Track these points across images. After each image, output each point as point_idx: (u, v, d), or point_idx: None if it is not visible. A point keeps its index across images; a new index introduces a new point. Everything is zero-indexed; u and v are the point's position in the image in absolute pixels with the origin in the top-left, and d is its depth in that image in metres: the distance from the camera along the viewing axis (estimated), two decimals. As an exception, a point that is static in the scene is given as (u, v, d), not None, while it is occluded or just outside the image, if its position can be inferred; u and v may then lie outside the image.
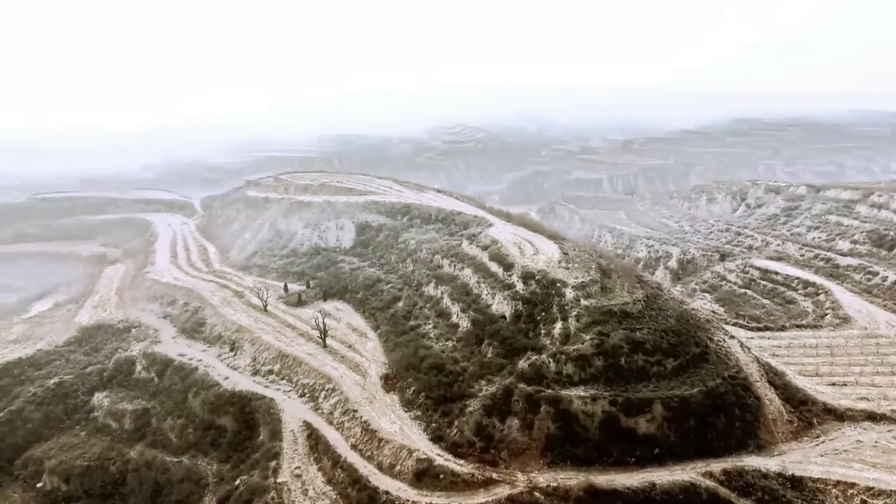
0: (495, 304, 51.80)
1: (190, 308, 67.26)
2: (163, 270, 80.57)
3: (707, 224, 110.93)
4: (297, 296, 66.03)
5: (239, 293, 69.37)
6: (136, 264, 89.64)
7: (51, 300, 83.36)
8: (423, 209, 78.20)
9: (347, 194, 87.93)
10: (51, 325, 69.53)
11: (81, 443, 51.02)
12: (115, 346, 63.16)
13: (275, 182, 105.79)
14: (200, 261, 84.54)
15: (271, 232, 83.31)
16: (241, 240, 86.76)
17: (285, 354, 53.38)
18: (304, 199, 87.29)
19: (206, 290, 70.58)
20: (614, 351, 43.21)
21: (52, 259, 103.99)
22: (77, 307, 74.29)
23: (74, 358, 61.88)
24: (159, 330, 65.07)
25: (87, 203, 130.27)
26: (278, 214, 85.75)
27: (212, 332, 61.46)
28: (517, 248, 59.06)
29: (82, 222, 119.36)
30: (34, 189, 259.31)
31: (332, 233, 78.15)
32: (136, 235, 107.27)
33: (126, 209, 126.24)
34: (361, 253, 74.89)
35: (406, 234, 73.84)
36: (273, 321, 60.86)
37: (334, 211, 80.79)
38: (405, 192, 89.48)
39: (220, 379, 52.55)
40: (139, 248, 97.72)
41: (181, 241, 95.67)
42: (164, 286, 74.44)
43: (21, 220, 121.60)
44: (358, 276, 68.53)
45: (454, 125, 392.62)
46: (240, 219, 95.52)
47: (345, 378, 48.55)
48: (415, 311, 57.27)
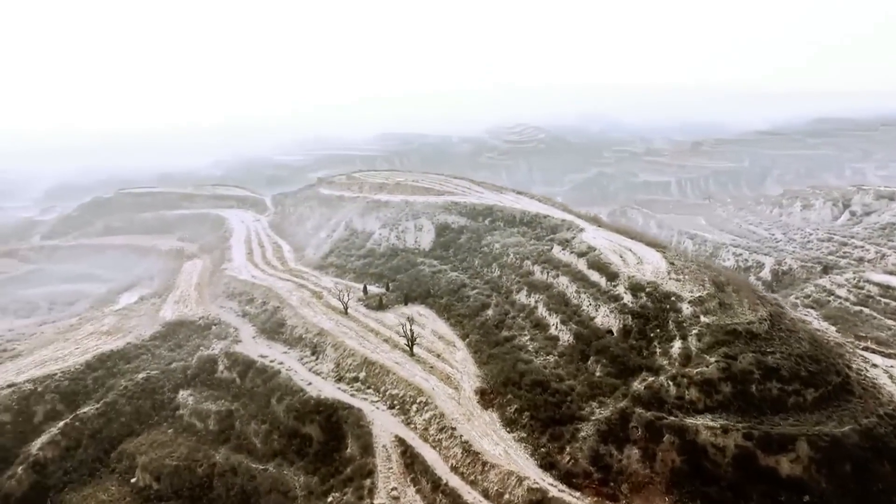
0: (599, 316, 47.61)
1: (269, 308, 66.24)
2: (240, 267, 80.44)
3: (803, 232, 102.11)
4: (378, 299, 63.78)
5: (317, 294, 67.89)
6: (212, 260, 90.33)
7: (136, 293, 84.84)
8: (506, 211, 74.62)
9: (425, 194, 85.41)
10: (137, 319, 70.18)
11: (169, 441, 50.34)
12: (197, 343, 62.75)
13: (348, 180, 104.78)
14: (276, 259, 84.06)
15: (347, 231, 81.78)
16: (317, 238, 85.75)
17: (371, 362, 50.99)
18: (381, 198, 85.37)
19: (284, 290, 69.49)
20: (744, 377, 38.32)
21: (135, 252, 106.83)
22: (160, 301, 74.93)
23: (159, 353, 61.87)
24: (239, 329, 64.31)
25: (166, 198, 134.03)
26: (354, 213, 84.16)
27: (292, 333, 59.99)
28: (618, 257, 54.55)
29: (161, 217, 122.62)
30: (119, 183, 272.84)
31: (410, 234, 75.69)
32: (211, 231, 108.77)
33: (201, 205, 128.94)
34: (442, 255, 72.03)
35: (489, 237, 70.44)
36: (355, 325, 58.77)
37: (412, 211, 78.34)
38: (484, 193, 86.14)
39: (303, 384, 50.71)
40: (215, 243, 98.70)
41: (255, 238, 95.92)
42: (241, 283, 74.04)
43: (109, 214, 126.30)
44: (440, 280, 65.70)
45: (515, 125, 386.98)
46: (314, 217, 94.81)
47: (437, 391, 45.62)
48: (507, 321, 53.75)
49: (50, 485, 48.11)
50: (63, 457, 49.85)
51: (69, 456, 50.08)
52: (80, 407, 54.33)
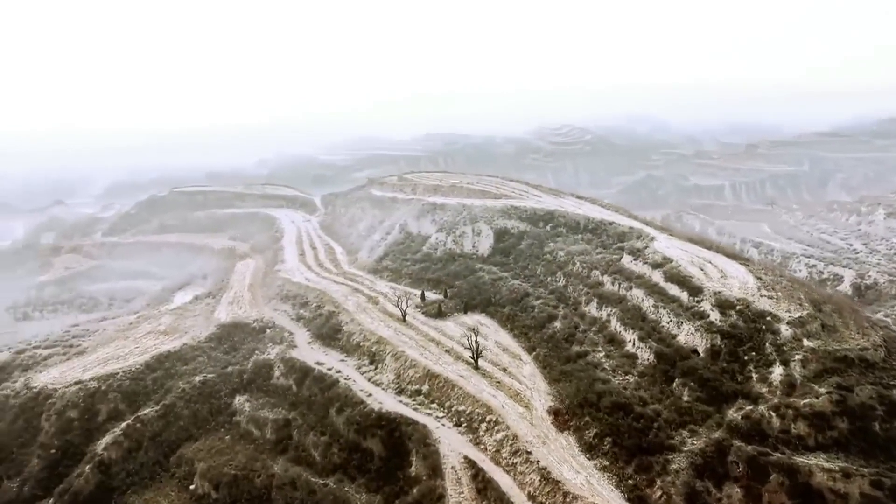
0: (682, 335, 43.96)
1: (324, 312, 64.81)
2: (293, 269, 79.58)
3: (889, 243, 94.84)
4: (437, 306, 61.46)
5: (373, 299, 66.11)
6: (265, 260, 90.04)
7: (190, 292, 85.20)
8: (568, 217, 71.26)
9: (481, 197, 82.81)
10: (192, 319, 70.00)
11: (227, 448, 49.26)
12: (252, 346, 61.82)
13: (399, 181, 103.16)
14: (328, 261, 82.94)
15: (402, 234, 79.90)
16: (370, 241, 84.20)
17: (434, 374, 48.66)
18: (436, 200, 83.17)
19: (339, 294, 68.01)
20: (863, 412, 34.17)
21: (189, 250, 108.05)
22: (214, 302, 74.68)
23: (215, 356, 61.21)
24: (294, 333, 63.11)
25: (217, 197, 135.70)
26: (409, 216, 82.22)
27: (349, 340, 58.28)
28: (698, 269, 50.64)
29: (213, 216, 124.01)
30: (170, 182, 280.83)
31: (468, 238, 73.18)
32: (262, 230, 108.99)
33: (252, 204, 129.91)
34: (502, 262, 69.24)
35: (552, 244, 67.28)
36: (414, 333, 56.60)
37: (470, 215, 75.82)
38: (543, 198, 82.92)
39: (363, 395, 48.81)
40: (266, 243, 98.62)
41: (307, 239, 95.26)
42: (295, 286, 73.02)
43: (164, 212, 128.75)
44: (501, 288, 62.95)
45: (560, 126, 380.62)
46: (366, 219, 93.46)
47: (507, 409, 42.89)
48: (577, 335, 50.55)
49: (114, 486, 47.76)
50: (125, 458, 49.46)
51: (131, 458, 49.66)
52: (141, 408, 54.03)
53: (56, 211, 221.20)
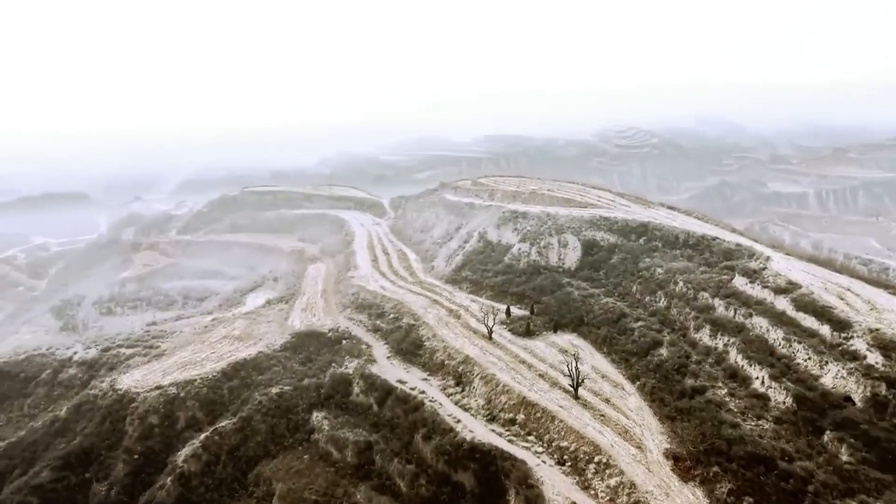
0: (828, 377, 37.93)
1: (402, 325, 61.69)
2: (367, 276, 77.12)
3: None
4: (525, 324, 57.15)
5: (454, 312, 62.47)
6: (336, 265, 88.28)
7: (261, 295, 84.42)
8: (665, 230, 65.39)
9: (565, 205, 77.96)
10: (266, 325, 68.60)
11: (306, 469, 46.73)
12: (329, 358, 59.40)
13: (474, 186, 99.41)
14: (403, 268, 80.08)
15: (481, 243, 76.01)
16: (446, 249, 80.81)
17: (529, 402, 44.43)
18: (516, 208, 78.83)
19: (418, 305, 64.77)
20: None
21: (259, 251, 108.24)
22: (287, 308, 73.15)
23: (291, 366, 59.18)
24: (371, 346, 60.34)
25: (286, 197, 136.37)
26: (488, 224, 78.24)
27: (432, 358, 54.83)
28: (837, 299, 44.17)
29: (283, 216, 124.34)
30: (236, 180, 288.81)
31: (553, 250, 68.54)
32: (332, 233, 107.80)
33: (320, 205, 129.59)
34: (591, 277, 64.23)
35: (648, 260, 61.73)
36: (502, 354, 52.53)
37: (555, 225, 71.11)
38: (632, 207, 77.22)
39: (451, 422, 45.17)
40: (337, 247, 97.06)
41: (378, 244, 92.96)
42: (371, 294, 70.36)
43: (235, 211, 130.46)
44: (593, 306, 58.06)
45: (626, 128, 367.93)
46: (440, 224, 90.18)
47: (617, 449, 38.15)
48: (690, 366, 45.10)
49: (194, 501, 46.10)
50: (204, 472, 47.75)
51: (209, 472, 47.91)
52: (218, 419, 52.46)
53: (135, 207, 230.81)
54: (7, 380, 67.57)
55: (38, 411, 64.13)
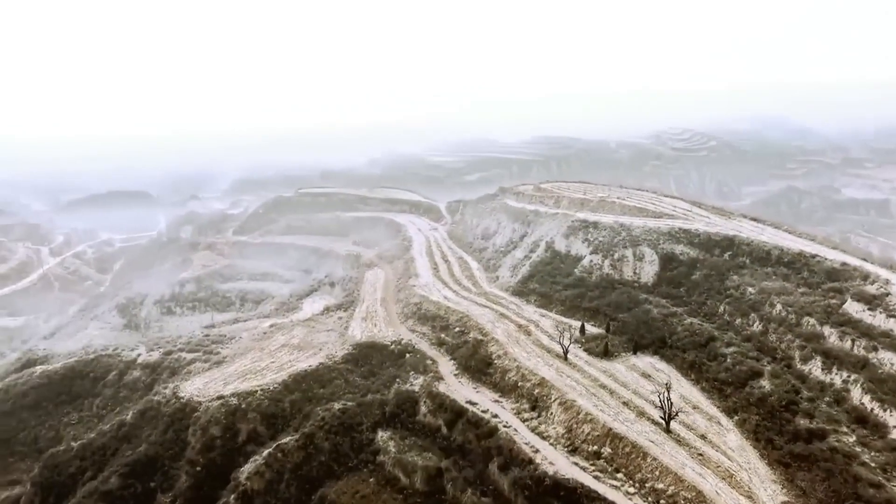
0: (981, 427, 32.65)
1: (469, 339, 58.64)
2: (428, 285, 74.50)
3: None
4: (603, 344, 53.21)
5: (524, 328, 59.03)
6: (394, 271, 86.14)
7: (318, 300, 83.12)
8: (754, 245, 60.12)
9: (639, 215, 73.35)
10: (326, 335, 66.89)
11: (373, 494, 44.40)
12: (393, 373, 56.95)
13: (537, 192, 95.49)
14: (465, 277, 77.12)
15: (549, 253, 72.24)
16: (511, 259, 77.35)
17: (616, 434, 40.60)
18: (586, 217, 74.60)
19: (485, 319, 61.57)
20: None
21: (314, 254, 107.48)
22: (347, 316, 71.32)
23: (353, 380, 57.05)
24: (437, 361, 57.58)
25: (341, 200, 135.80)
26: (556, 233, 74.39)
27: (504, 378, 51.59)
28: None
29: (338, 218, 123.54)
30: (286, 179, 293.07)
31: (628, 263, 64.20)
32: (388, 237, 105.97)
33: (375, 208, 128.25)
34: (671, 293, 59.66)
35: (736, 278, 56.72)
36: (580, 376, 48.80)
37: (630, 236, 66.69)
38: (711, 218, 71.92)
39: (529, 451, 41.86)
40: (395, 252, 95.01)
41: (437, 251, 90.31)
42: (434, 305, 67.68)
43: (290, 213, 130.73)
44: (675, 327, 53.64)
45: (681, 130, 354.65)
46: (503, 232, 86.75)
47: (724, 498, 33.97)
48: (802, 404, 40.30)
49: (256, 522, 44.51)
50: (267, 491, 46.03)
51: (272, 491, 46.15)
52: (280, 434, 50.78)
53: (192, 205, 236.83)
54: (79, 378, 68.60)
55: (105, 412, 64.61)
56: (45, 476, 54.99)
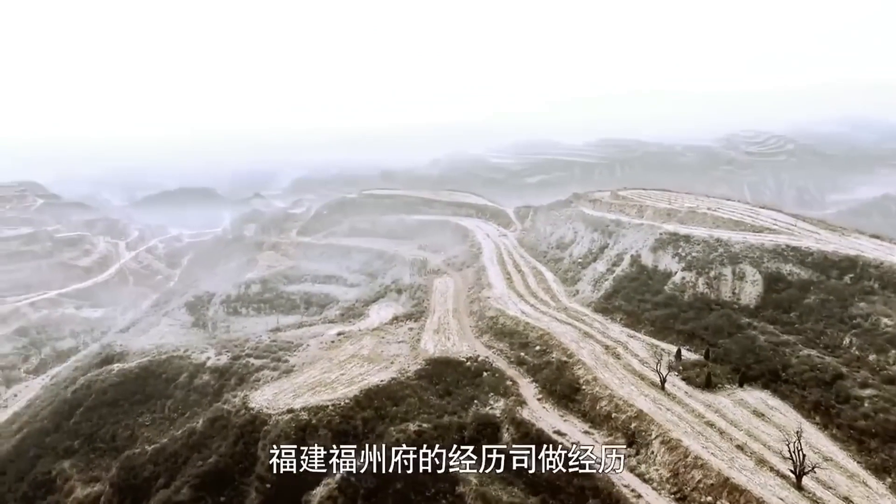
0: None
1: (552, 360, 54.33)
2: (503, 297, 70.57)
3: None
4: (704, 374, 47.83)
5: (611, 350, 54.23)
6: (464, 280, 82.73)
7: (385, 308, 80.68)
8: (884, 268, 53.02)
9: (735, 229, 67.02)
10: (397, 346, 64.16)
11: (453, 532, 40.90)
12: (470, 393, 53.40)
13: (615, 199, 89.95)
14: (542, 290, 72.73)
15: (634, 268, 66.89)
16: (592, 272, 72.38)
17: (735, 486, 35.40)
18: (676, 229, 68.70)
19: (568, 338, 57.09)
20: None
21: (379, 258, 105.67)
22: (418, 328, 68.34)
23: (427, 399, 53.80)
24: (517, 383, 53.57)
25: (405, 202, 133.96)
26: (641, 246, 68.90)
27: (595, 406, 47.07)
28: None
29: (402, 221, 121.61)
30: (347, 179, 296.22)
31: (726, 282, 58.23)
32: (455, 242, 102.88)
33: (440, 211, 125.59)
34: (779, 319, 53.35)
35: (864, 306, 49.95)
36: (682, 410, 43.71)
37: (728, 252, 60.54)
38: (821, 234, 64.83)
39: (630, 496, 37.46)
40: (463, 259, 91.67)
41: (509, 259, 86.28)
42: (511, 320, 63.69)
43: (354, 215, 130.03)
44: (789, 358, 47.58)
45: (755, 133, 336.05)
46: (581, 242, 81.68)
47: (885, 582, 28.42)
48: (971, 466, 33.89)
49: (328, 552, 41.99)
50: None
51: (344, 517, 43.53)
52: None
53: (255, 203, 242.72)
54: (152, 378, 69.02)
55: (176, 415, 64.45)
56: (122, 478, 54.94)
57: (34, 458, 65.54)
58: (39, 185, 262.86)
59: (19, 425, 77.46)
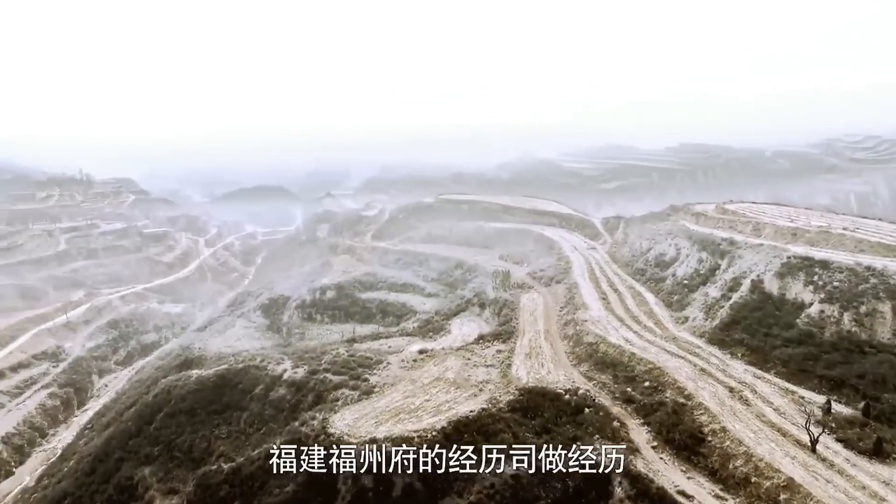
0: None
1: (666, 401, 47.36)
2: (601, 320, 63.79)
3: None
4: (873, 437, 39.52)
5: (737, 393, 46.61)
6: (554, 297, 76.46)
7: (468, 324, 75.65)
8: None
9: (887, 255, 57.11)
10: (485, 371, 58.90)
11: None
12: (571, 433, 47.30)
13: (722, 214, 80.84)
14: (643, 314, 65.35)
15: (755, 295, 58.38)
16: (702, 295, 64.28)
17: None
18: (807, 252, 59.55)
19: (683, 375, 49.88)
20: None
21: (458, 267, 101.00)
22: (507, 350, 62.79)
23: (523, 436, 48.00)
24: (626, 425, 46.99)
25: (484, 208, 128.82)
26: (763, 270, 60.19)
27: (726, 465, 39.87)
28: None
29: (481, 229, 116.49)
30: (417, 180, 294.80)
31: (883, 321, 49.21)
32: (540, 254, 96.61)
33: (520, 219, 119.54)
34: (959, 370, 43.85)
35: None
36: (848, 485, 35.74)
37: (885, 285, 51.28)
38: None
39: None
40: (550, 273, 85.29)
41: (602, 276, 79.11)
42: (613, 349, 56.94)
43: (431, 220, 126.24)
44: (981, 424, 38.33)
45: (863, 137, 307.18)
46: (686, 261, 73.32)
47: None
48: None
49: None
50: (427, 574, 38.63)
51: (433, 574, 38.69)
52: (441, 498, 43.24)
53: (327, 203, 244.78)
54: (229, 388, 67.35)
55: (251, 430, 62.11)
56: (198, 495, 52.70)
57: (119, 461, 65.22)
58: (133, 181, 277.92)
59: (108, 420, 78.41)
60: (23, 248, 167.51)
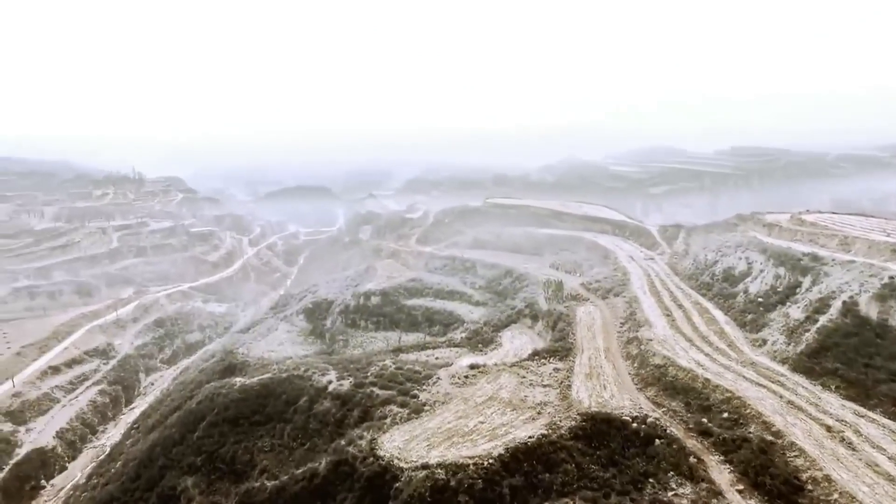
0: None
1: (751, 437, 42.46)
2: (667, 340, 58.91)
3: None
4: None
5: (837, 434, 41.29)
6: (612, 311, 71.75)
7: (520, 337, 71.85)
8: None
9: None
10: (542, 391, 55.01)
11: None
12: (642, 468, 42.99)
13: (800, 225, 74.37)
14: (714, 334, 60.10)
15: (847, 319, 52.45)
16: (782, 316, 58.57)
17: None
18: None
19: (767, 407, 44.85)
20: None
21: (507, 275, 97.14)
22: (565, 368, 58.69)
23: (588, 469, 44.02)
24: (703, 461, 42.36)
25: (532, 213, 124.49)
26: (856, 290, 54.19)
27: (833, 521, 34.79)
28: None
29: (530, 235, 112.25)
30: (460, 182, 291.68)
31: None
32: (594, 263, 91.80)
33: (571, 225, 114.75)
34: None
35: None
36: None
37: None
38: None
39: None
40: (607, 284, 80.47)
41: (664, 290, 73.86)
42: (683, 373, 52.13)
43: (477, 225, 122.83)
44: None
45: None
46: (760, 278, 67.38)
47: None
48: None
49: None
50: None
51: None
52: (499, 535, 39.64)
53: (369, 203, 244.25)
54: (272, 398, 65.52)
55: (295, 444, 59.89)
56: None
57: (162, 469, 64.18)
58: (181, 179, 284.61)
59: (153, 422, 77.99)
60: (79, 245, 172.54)
